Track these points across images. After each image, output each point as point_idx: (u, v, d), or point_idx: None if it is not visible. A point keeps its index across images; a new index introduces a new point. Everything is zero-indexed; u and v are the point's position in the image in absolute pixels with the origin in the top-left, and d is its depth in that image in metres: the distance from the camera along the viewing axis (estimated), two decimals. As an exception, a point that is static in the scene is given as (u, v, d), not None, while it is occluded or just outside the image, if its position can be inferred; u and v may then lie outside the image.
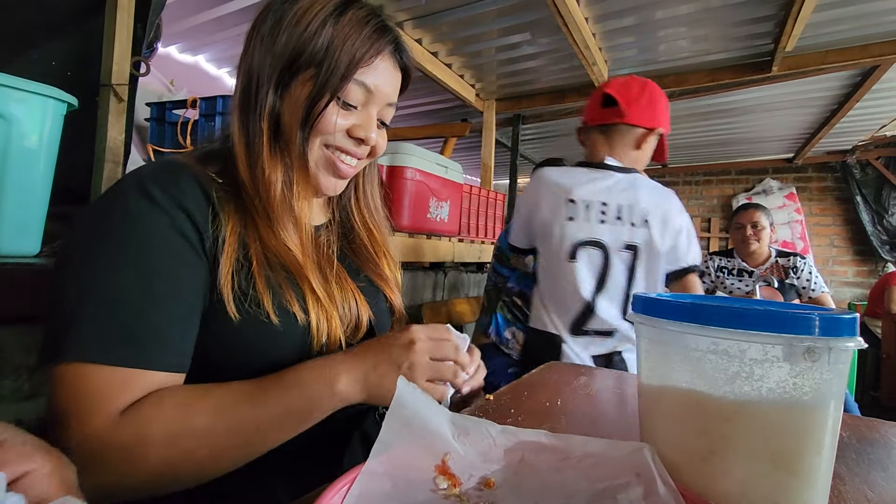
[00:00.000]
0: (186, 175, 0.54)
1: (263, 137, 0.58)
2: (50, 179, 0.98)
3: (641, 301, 0.42)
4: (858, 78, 2.97)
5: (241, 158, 0.58)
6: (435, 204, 2.23)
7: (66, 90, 0.96)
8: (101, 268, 0.48)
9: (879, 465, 0.53)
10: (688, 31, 2.42)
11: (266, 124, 0.58)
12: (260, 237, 0.56)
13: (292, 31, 0.57)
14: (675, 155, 5.13)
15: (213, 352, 0.54)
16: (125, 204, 0.50)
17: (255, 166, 0.58)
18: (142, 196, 0.51)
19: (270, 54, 0.57)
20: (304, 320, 0.56)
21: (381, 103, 0.62)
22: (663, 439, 0.40)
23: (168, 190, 0.52)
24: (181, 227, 0.51)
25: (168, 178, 0.53)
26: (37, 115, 0.91)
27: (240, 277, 0.54)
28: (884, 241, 4.68)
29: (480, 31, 2.50)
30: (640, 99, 1.36)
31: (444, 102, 3.52)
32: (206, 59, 3.06)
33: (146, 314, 0.48)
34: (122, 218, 0.50)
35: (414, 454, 0.41)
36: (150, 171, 0.54)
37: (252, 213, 0.57)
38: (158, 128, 1.80)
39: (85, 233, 0.51)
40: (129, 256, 0.49)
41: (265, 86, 0.57)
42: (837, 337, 0.33)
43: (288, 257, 0.57)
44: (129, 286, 0.48)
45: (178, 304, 0.50)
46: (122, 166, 1.28)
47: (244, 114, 0.58)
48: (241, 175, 0.58)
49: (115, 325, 0.47)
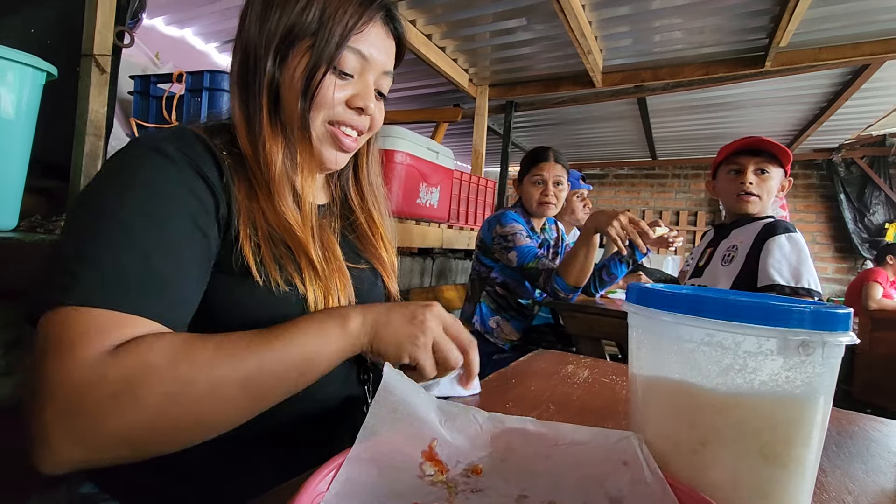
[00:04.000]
0: (199, 142, 0.53)
1: (263, 112, 0.57)
2: (27, 152, 0.95)
3: (635, 291, 0.41)
4: (849, 76, 3.00)
5: (241, 133, 0.58)
6: (425, 189, 2.21)
7: (46, 59, 0.92)
8: (108, 213, 0.45)
9: (860, 458, 0.53)
10: (683, 22, 2.41)
11: (265, 99, 0.58)
12: (262, 210, 0.55)
13: (286, 4, 0.57)
14: (664, 148, 5.15)
15: (211, 321, 0.51)
16: (140, 159, 0.49)
17: (257, 141, 0.57)
18: (157, 153, 0.49)
19: (266, 28, 0.57)
20: (302, 295, 0.55)
21: (376, 71, 0.62)
22: (653, 430, 0.39)
23: (185, 151, 0.51)
24: (197, 189, 0.50)
25: (184, 142, 0.52)
26: (14, 84, 0.87)
27: (253, 249, 0.53)
28: (864, 238, 4.78)
29: (476, 15, 2.47)
30: None
31: (437, 87, 3.48)
32: (193, 33, 2.97)
33: (150, 261, 0.45)
34: (136, 171, 0.48)
35: (401, 440, 0.40)
36: (163, 135, 0.52)
37: (255, 187, 0.56)
38: (142, 102, 1.75)
39: (94, 187, 0.49)
40: (139, 204, 0.46)
41: (262, 60, 0.57)
42: (832, 331, 0.33)
43: (288, 232, 0.56)
44: (138, 232, 0.45)
45: (187, 262, 0.48)
46: (104, 140, 1.24)
47: (243, 90, 0.58)
48: (244, 149, 0.57)
49: (114, 269, 0.43)
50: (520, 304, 1.92)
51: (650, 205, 5.94)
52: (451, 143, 4.93)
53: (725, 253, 1.56)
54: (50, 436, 0.38)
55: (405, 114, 3.73)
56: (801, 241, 1.42)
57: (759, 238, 1.45)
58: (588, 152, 5.59)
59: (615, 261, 1.89)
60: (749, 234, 1.49)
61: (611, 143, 5.12)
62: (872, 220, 4.74)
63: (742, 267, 1.47)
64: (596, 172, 6.18)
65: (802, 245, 1.41)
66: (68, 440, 0.38)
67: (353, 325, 0.52)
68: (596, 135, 4.78)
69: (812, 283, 1.36)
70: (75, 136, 1.20)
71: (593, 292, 2.04)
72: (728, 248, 1.56)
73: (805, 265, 1.38)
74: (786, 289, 1.36)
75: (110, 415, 0.38)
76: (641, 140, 4.85)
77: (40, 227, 1.06)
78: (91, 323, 0.41)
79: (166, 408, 0.40)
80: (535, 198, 1.86)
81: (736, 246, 1.53)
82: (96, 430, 0.38)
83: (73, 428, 0.38)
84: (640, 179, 6.01)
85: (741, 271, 1.47)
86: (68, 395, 0.38)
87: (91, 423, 0.38)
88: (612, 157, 5.83)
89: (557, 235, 2.10)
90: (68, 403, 0.38)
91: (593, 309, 1.91)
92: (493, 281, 1.91)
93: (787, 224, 1.46)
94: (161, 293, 0.45)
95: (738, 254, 1.51)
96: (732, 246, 1.54)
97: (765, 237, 1.44)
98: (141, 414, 0.39)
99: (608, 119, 4.24)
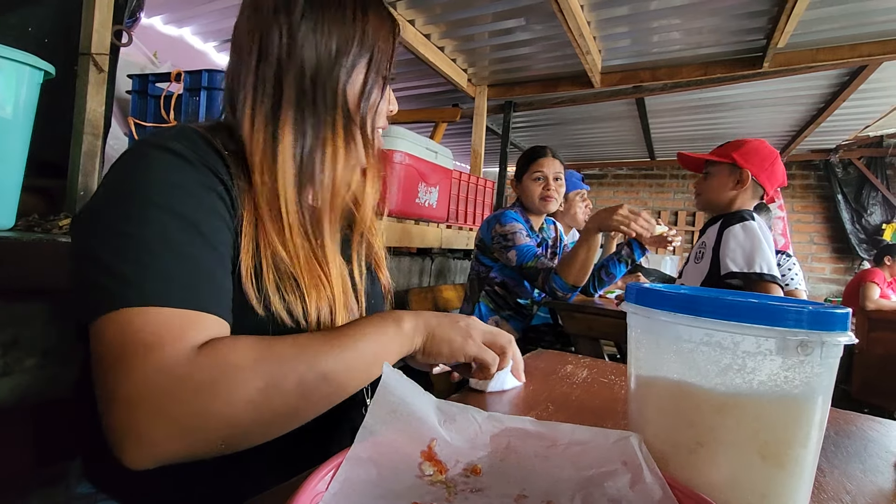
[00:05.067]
0: (204, 141, 0.53)
1: (338, 128, 0.59)
2: (25, 151, 0.94)
3: (634, 291, 0.41)
4: (846, 77, 3.01)
5: (286, 155, 0.57)
6: (424, 189, 2.21)
7: (44, 58, 0.92)
8: (141, 214, 0.45)
9: (857, 458, 0.54)
10: (682, 23, 2.41)
11: (339, 116, 0.59)
12: (267, 234, 0.54)
13: (339, 21, 0.58)
14: (663, 149, 5.16)
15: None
16: (157, 160, 0.49)
17: (324, 161, 0.59)
18: (171, 153, 0.49)
19: (327, 48, 0.58)
20: (303, 312, 0.55)
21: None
22: (652, 430, 0.39)
23: (195, 150, 0.51)
24: (215, 186, 0.51)
25: (191, 141, 0.52)
26: (11, 83, 0.87)
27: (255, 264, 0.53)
28: (861, 239, 4.79)
29: (474, 15, 2.47)
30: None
31: (436, 87, 3.48)
32: (191, 32, 2.97)
33: (196, 259, 0.46)
34: (157, 171, 0.48)
35: (400, 440, 0.40)
36: (171, 135, 0.52)
37: (261, 207, 0.55)
38: (141, 101, 1.75)
39: (112, 191, 0.49)
40: (169, 204, 0.46)
41: (328, 80, 0.58)
42: (830, 331, 0.33)
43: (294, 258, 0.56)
44: (176, 231, 0.46)
45: (223, 255, 0.50)
46: (102, 139, 1.24)
47: (306, 110, 0.58)
48: (281, 169, 0.56)
49: (166, 268, 0.44)
50: (518, 304, 1.92)
51: (649, 205, 5.95)
52: (449, 142, 4.93)
53: (697, 251, 1.65)
54: (146, 433, 0.39)
55: (404, 113, 3.72)
56: (756, 228, 1.46)
57: (720, 231, 1.52)
58: (587, 152, 5.59)
59: (614, 260, 1.89)
60: (714, 230, 1.57)
61: (609, 144, 5.12)
62: (870, 221, 4.75)
63: (710, 262, 1.53)
64: (595, 173, 6.19)
65: (756, 231, 1.45)
66: (166, 435, 0.40)
67: (406, 326, 0.54)
68: (594, 135, 4.78)
69: (765, 268, 1.40)
70: (73, 135, 1.19)
71: (592, 292, 2.05)
72: (699, 246, 1.64)
73: (759, 251, 1.41)
74: (738, 275, 1.40)
75: (208, 409, 0.41)
76: (640, 140, 4.85)
77: (38, 227, 1.05)
78: (165, 322, 0.42)
79: (259, 402, 0.43)
80: (536, 193, 1.86)
81: (705, 242, 1.61)
82: (196, 424, 0.41)
83: (173, 422, 0.40)
84: (638, 180, 6.02)
85: (710, 267, 1.53)
86: (163, 392, 0.40)
87: (191, 416, 0.40)
88: (610, 158, 5.84)
89: (556, 235, 2.10)
90: (164, 400, 0.39)
91: (592, 309, 1.91)
92: (492, 280, 1.91)
93: (744, 213, 1.52)
94: (212, 287, 0.47)
95: (706, 249, 1.58)
96: (702, 243, 1.63)
97: (723, 229, 1.51)
98: (236, 408, 0.42)
99: (607, 119, 4.24)
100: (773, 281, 1.38)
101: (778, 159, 1.56)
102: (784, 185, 1.60)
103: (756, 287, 1.39)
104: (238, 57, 0.60)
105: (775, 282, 1.38)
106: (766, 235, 1.45)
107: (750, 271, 1.39)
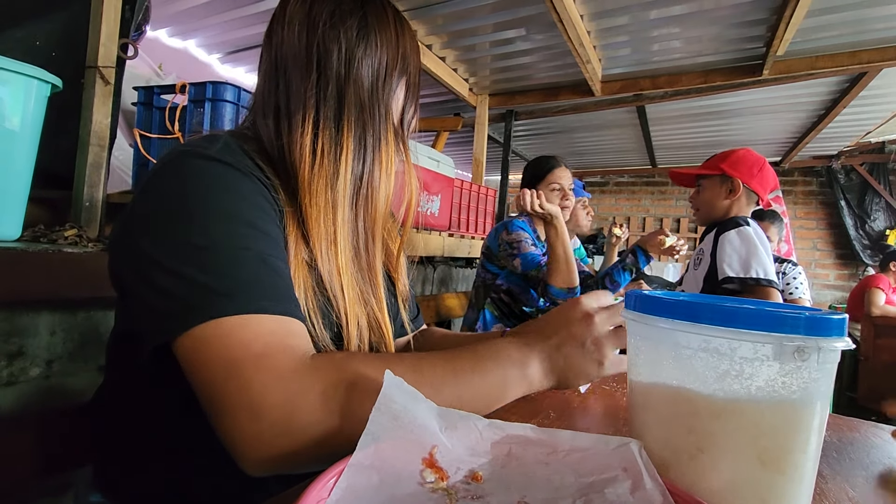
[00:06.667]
0: (242, 151, 0.52)
1: (390, 145, 0.60)
2: (32, 162, 0.96)
3: (633, 298, 0.42)
4: (846, 84, 3.02)
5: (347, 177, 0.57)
6: (426, 198, 2.22)
7: (51, 71, 0.94)
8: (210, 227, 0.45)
9: (860, 465, 0.53)
10: (681, 31, 2.43)
11: (390, 133, 0.60)
12: (314, 253, 0.54)
13: (388, 37, 0.59)
14: (665, 156, 5.17)
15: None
16: (207, 171, 0.48)
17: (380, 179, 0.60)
18: (219, 163, 0.48)
19: (380, 64, 0.59)
20: (336, 331, 0.55)
21: None
22: (652, 436, 0.40)
23: (239, 160, 0.50)
24: (265, 194, 0.51)
25: (231, 150, 0.51)
26: (19, 96, 0.88)
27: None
28: (865, 245, 4.77)
29: (475, 25, 2.49)
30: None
31: (437, 96, 3.50)
32: (196, 45, 3.00)
33: (275, 267, 0.46)
34: (211, 181, 0.47)
35: (401, 447, 0.41)
36: (212, 145, 0.50)
37: (309, 223, 0.54)
38: (146, 112, 1.76)
39: (171, 203, 0.46)
40: (236, 212, 0.46)
41: (382, 97, 0.59)
42: (827, 337, 0.33)
43: (338, 278, 0.56)
44: (248, 240, 0.45)
45: (287, 262, 0.50)
46: (108, 151, 1.25)
47: (366, 129, 0.58)
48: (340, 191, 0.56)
49: (256, 278, 0.44)
50: (524, 313, 1.92)
51: (651, 212, 5.95)
52: (451, 151, 4.96)
53: (695, 258, 1.67)
54: (268, 443, 0.40)
55: (406, 123, 3.74)
56: (751, 233, 1.48)
57: (716, 237, 1.55)
58: (588, 160, 5.61)
59: (618, 268, 1.89)
60: (711, 237, 1.59)
61: (611, 151, 5.13)
62: (873, 227, 4.73)
63: (708, 268, 1.55)
64: (596, 180, 6.20)
65: (752, 237, 1.47)
66: (285, 446, 0.40)
67: (532, 371, 0.52)
68: (596, 143, 4.79)
69: (760, 273, 1.41)
70: (79, 146, 1.21)
71: None
72: (698, 253, 1.67)
73: (755, 256, 1.43)
74: (735, 280, 1.41)
75: (326, 421, 0.41)
76: (641, 148, 4.86)
77: (43, 237, 1.06)
78: (268, 331, 0.42)
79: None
80: (556, 204, 1.87)
81: (703, 249, 1.63)
82: (315, 437, 0.40)
83: (292, 435, 0.40)
84: (640, 187, 6.03)
85: (708, 272, 1.55)
86: (283, 400, 0.40)
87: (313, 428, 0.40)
88: (612, 165, 5.85)
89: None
90: (286, 406, 0.40)
91: (594, 316, 1.90)
92: (498, 288, 1.91)
93: (739, 219, 1.54)
94: (292, 295, 0.48)
95: (704, 256, 1.60)
96: (700, 250, 1.66)
97: (718, 235, 1.53)
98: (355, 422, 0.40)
99: (608, 127, 4.26)
100: (770, 286, 1.39)
101: (766, 165, 1.59)
102: (777, 188, 1.63)
103: (753, 292, 1.39)
104: (289, 73, 0.57)
105: (772, 286, 1.39)
106: (763, 240, 1.46)
107: (746, 276, 1.40)
